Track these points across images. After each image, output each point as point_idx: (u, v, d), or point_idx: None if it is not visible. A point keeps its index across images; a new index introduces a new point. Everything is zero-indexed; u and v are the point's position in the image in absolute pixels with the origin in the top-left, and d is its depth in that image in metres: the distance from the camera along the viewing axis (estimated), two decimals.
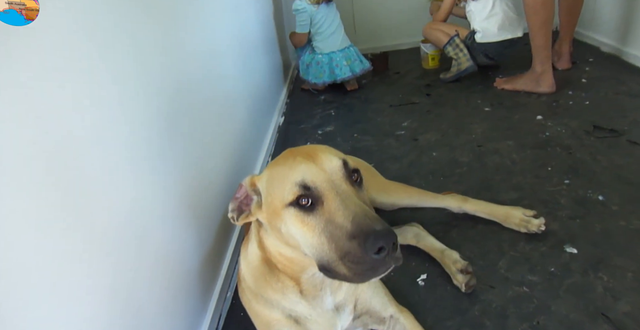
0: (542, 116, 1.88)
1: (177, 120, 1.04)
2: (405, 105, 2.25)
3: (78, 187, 0.65)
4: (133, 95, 0.84)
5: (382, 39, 3.22)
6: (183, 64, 1.13)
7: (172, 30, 1.09)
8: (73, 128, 0.66)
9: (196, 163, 1.14)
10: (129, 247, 0.78)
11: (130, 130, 0.82)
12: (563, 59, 2.33)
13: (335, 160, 0.72)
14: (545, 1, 1.98)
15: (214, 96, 1.37)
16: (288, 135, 2.12)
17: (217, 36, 1.49)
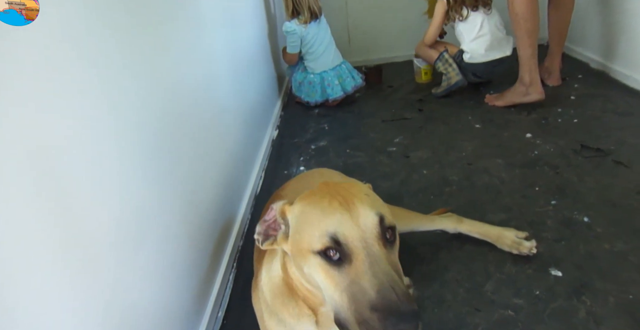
0: (531, 134, 1.92)
1: (169, 138, 1.06)
2: (398, 120, 2.28)
3: (67, 205, 0.67)
4: (124, 113, 0.86)
5: (377, 51, 3.26)
6: (175, 83, 1.15)
7: (165, 46, 1.11)
8: (62, 144, 0.68)
9: (189, 181, 1.16)
10: (121, 266, 0.80)
11: (120, 149, 0.84)
12: (553, 76, 2.37)
13: (372, 216, 0.68)
14: (532, 11, 2.04)
15: (208, 113, 1.39)
16: (282, 150, 2.15)
17: (211, 51, 1.50)
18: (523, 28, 2.06)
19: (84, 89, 0.74)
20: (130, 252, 0.83)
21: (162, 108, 1.04)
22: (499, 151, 1.83)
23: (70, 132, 0.69)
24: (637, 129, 1.83)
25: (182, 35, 1.24)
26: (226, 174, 1.51)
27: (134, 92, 0.90)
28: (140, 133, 0.91)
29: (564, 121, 1.99)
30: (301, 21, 2.42)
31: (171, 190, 1.04)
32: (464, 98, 2.41)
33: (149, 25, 1.02)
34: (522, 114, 2.13)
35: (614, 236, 1.28)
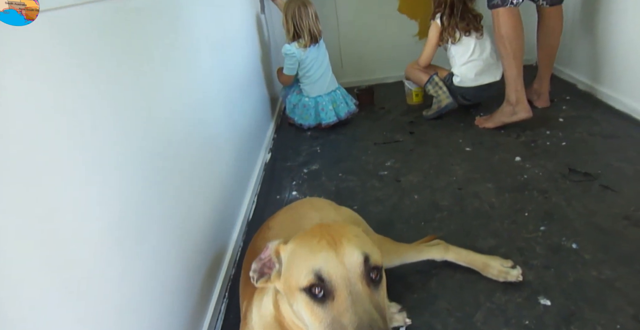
0: (520, 157, 1.94)
1: (160, 166, 1.07)
2: (389, 143, 2.31)
3: (56, 230, 0.68)
4: (113, 145, 0.88)
5: (369, 72, 3.30)
6: (166, 111, 1.16)
7: (155, 75, 1.12)
8: (54, 185, 0.69)
9: (180, 209, 1.17)
10: (109, 295, 0.80)
11: (112, 177, 0.85)
12: (542, 98, 2.41)
13: (357, 255, 0.71)
14: (517, 33, 2.10)
15: (200, 140, 1.40)
16: (274, 174, 2.16)
17: (203, 77, 1.52)
18: (509, 49, 2.11)
19: (71, 134, 0.75)
20: (118, 280, 0.83)
21: (152, 138, 1.05)
22: (489, 175, 1.85)
23: (54, 188, 0.70)
24: (622, 152, 1.87)
25: (173, 64, 1.25)
26: (218, 201, 1.52)
27: (122, 123, 0.92)
28: (130, 162, 0.93)
29: (552, 144, 2.02)
30: (301, 45, 2.45)
31: (161, 219, 1.05)
32: (454, 120, 2.44)
33: (140, 58, 1.04)
34: (512, 136, 2.16)
35: (602, 263, 1.30)
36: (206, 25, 1.63)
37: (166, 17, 1.24)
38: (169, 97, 1.19)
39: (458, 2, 2.33)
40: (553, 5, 2.24)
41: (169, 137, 1.15)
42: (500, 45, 2.15)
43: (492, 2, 2.13)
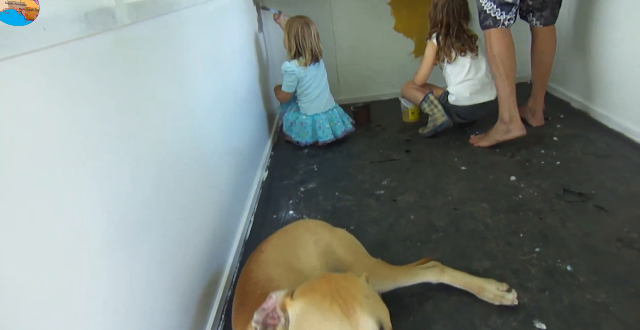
0: (515, 177, 1.96)
1: (158, 187, 1.08)
2: (386, 161, 2.32)
3: (54, 265, 0.69)
4: (109, 166, 0.89)
5: (365, 89, 3.33)
6: (163, 134, 1.17)
7: (151, 98, 1.13)
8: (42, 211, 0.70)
9: (176, 231, 1.17)
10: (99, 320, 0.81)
11: (107, 199, 0.86)
12: (536, 117, 2.44)
13: (372, 325, 0.71)
14: (509, 53, 2.14)
15: (196, 161, 1.41)
16: (271, 192, 2.17)
17: (199, 97, 1.53)
18: (501, 69, 2.15)
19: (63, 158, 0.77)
20: (111, 300, 0.84)
21: (149, 159, 1.06)
22: (484, 195, 1.86)
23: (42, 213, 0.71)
24: (615, 172, 1.89)
25: (168, 86, 1.27)
26: (215, 221, 1.53)
27: (118, 144, 0.93)
28: (127, 183, 0.94)
29: (546, 163, 2.04)
30: (301, 63, 2.48)
31: (157, 240, 1.05)
32: (450, 138, 2.46)
33: (139, 84, 1.06)
34: (507, 155, 2.18)
35: (597, 286, 1.31)
36: (204, 46, 1.65)
37: (165, 43, 1.26)
38: (167, 118, 1.21)
39: (454, 22, 2.37)
40: (546, 25, 2.28)
41: (166, 159, 1.16)
42: (493, 65, 2.19)
43: (485, 23, 2.18)
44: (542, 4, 2.22)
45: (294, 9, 2.93)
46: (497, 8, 2.12)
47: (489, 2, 2.13)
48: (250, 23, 2.61)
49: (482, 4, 2.16)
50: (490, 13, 2.14)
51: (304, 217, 1.90)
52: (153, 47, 1.17)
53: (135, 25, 1.04)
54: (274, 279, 1.12)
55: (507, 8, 2.11)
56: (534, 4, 2.23)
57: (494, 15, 2.13)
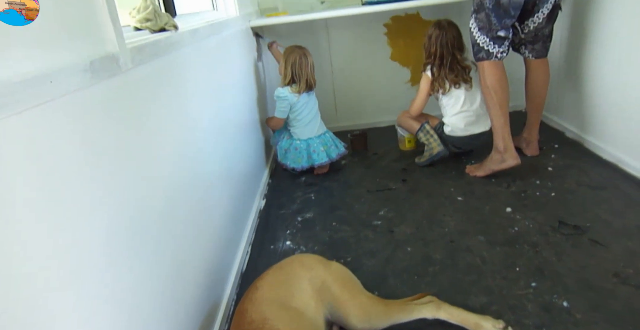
0: (511, 208, 1.98)
1: (155, 221, 1.09)
2: (383, 191, 2.34)
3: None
4: (107, 198, 0.90)
5: (362, 117, 3.37)
6: (163, 166, 1.18)
7: (152, 127, 1.15)
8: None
9: (173, 264, 1.18)
10: None
11: (104, 234, 0.87)
12: (531, 146, 2.47)
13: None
14: (502, 84, 2.19)
15: (194, 193, 1.41)
16: (268, 222, 2.18)
17: (197, 128, 1.54)
18: (495, 100, 2.19)
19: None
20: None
21: (148, 193, 1.07)
22: (480, 227, 1.87)
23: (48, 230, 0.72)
24: (610, 204, 1.91)
25: (169, 121, 1.28)
26: (212, 253, 1.53)
27: (118, 177, 0.94)
28: (125, 215, 0.95)
29: (542, 194, 2.06)
30: (294, 90, 2.52)
31: (153, 274, 1.06)
32: (446, 168, 2.48)
33: (139, 117, 1.08)
34: (502, 185, 2.20)
35: (593, 323, 1.31)
36: (204, 80, 1.68)
37: (166, 81, 1.29)
38: (167, 152, 1.22)
39: (447, 53, 2.42)
40: (538, 58, 2.34)
41: (165, 192, 1.18)
42: (487, 96, 2.23)
43: (478, 56, 2.23)
44: (534, 37, 2.27)
45: (294, 37, 3.00)
46: (490, 41, 2.17)
47: (482, 35, 2.18)
48: (249, 53, 2.66)
49: (476, 38, 2.21)
50: (483, 46, 2.19)
51: (301, 248, 1.91)
52: (155, 87, 1.20)
53: (138, 67, 1.07)
54: (268, 319, 1.12)
55: (499, 41, 2.16)
56: (526, 37, 2.29)
57: (487, 48, 2.18)
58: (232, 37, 2.23)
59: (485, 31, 2.16)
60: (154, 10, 1.28)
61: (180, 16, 1.73)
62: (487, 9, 2.11)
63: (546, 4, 2.14)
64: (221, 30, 1.95)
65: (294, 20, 2.69)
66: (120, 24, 0.98)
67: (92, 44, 0.89)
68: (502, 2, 2.07)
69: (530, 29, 2.24)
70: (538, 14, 2.19)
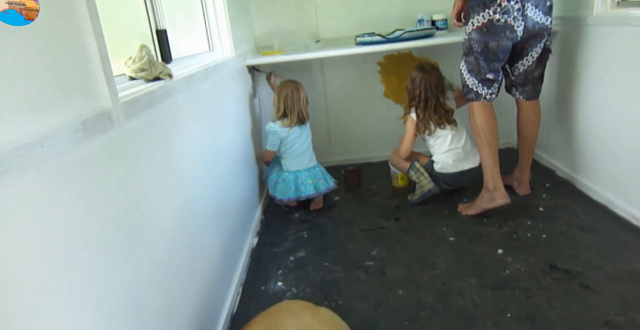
0: (502, 250, 1.98)
1: (148, 265, 1.08)
2: (375, 229, 2.34)
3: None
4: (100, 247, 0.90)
5: (356, 151, 3.39)
6: (156, 210, 1.19)
7: (143, 173, 1.16)
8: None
9: (163, 307, 1.17)
10: None
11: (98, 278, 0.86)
12: (523, 186, 2.49)
13: None
14: (490, 124, 2.23)
15: (184, 231, 1.41)
16: (260, 261, 2.17)
17: (190, 166, 1.55)
18: (484, 140, 2.23)
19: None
20: None
21: (138, 248, 1.07)
22: (472, 270, 1.87)
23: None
24: (601, 248, 1.91)
25: (162, 166, 1.29)
26: (203, 296, 1.52)
27: (110, 224, 0.94)
28: (118, 261, 0.94)
29: (533, 236, 2.07)
30: (285, 124, 2.56)
31: (142, 321, 1.05)
32: (438, 206, 2.49)
33: (128, 170, 1.09)
34: (494, 226, 2.21)
35: None
36: (198, 122, 1.69)
37: (158, 129, 1.31)
38: (158, 203, 1.23)
39: (431, 96, 2.47)
40: (529, 100, 2.38)
41: (156, 244, 1.18)
42: (476, 136, 2.27)
43: (467, 96, 2.28)
44: (524, 79, 2.33)
45: (290, 73, 3.05)
46: (479, 83, 2.22)
47: (472, 77, 2.23)
48: (244, 90, 2.70)
49: (466, 79, 2.26)
50: (472, 87, 2.24)
51: (292, 290, 1.89)
52: (146, 137, 1.21)
53: (130, 120, 1.09)
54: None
55: (488, 84, 2.22)
56: (516, 79, 2.34)
57: (476, 90, 2.23)
58: (228, 77, 2.27)
59: (475, 73, 2.22)
60: (149, 60, 1.31)
61: (176, 61, 1.77)
62: (476, 53, 2.17)
63: (535, 48, 2.21)
64: (216, 72, 1.99)
65: (289, 59, 2.74)
66: (114, 79, 1.01)
67: (85, 102, 0.91)
68: (490, 46, 2.13)
69: (520, 71, 2.30)
70: (527, 57, 2.25)
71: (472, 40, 2.16)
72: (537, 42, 2.18)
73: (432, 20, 2.98)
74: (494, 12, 2.06)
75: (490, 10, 2.06)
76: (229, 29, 2.36)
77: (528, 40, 2.16)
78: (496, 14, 2.06)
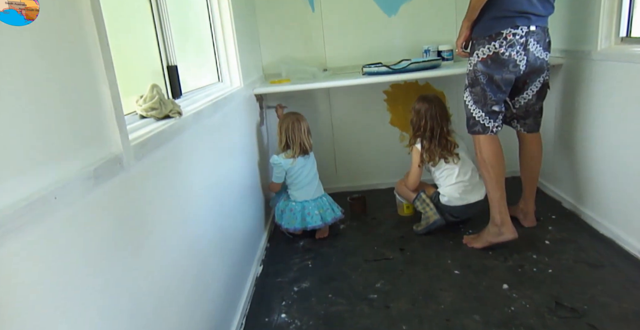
0: (507, 285, 1.97)
1: (152, 301, 1.09)
2: (380, 260, 2.34)
3: None
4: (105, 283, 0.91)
5: (362, 178, 3.41)
6: (156, 252, 1.20)
7: (143, 213, 1.17)
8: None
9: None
10: None
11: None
12: (528, 218, 2.48)
13: None
14: (498, 159, 2.24)
15: (189, 263, 1.42)
16: (264, 291, 2.16)
17: (197, 198, 1.57)
18: (491, 173, 2.24)
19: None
20: None
21: (144, 286, 1.09)
22: (476, 305, 1.86)
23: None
24: (608, 285, 1.89)
25: (169, 204, 1.32)
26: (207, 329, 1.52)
27: (117, 262, 0.96)
28: (122, 312, 0.96)
29: (539, 270, 2.06)
30: (288, 155, 2.59)
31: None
32: (444, 237, 2.49)
33: (131, 208, 1.11)
34: (499, 259, 2.20)
35: None
36: (206, 155, 1.72)
37: (166, 167, 1.33)
38: (165, 238, 1.24)
39: (437, 125, 2.49)
40: (530, 132, 2.40)
41: (161, 282, 1.19)
42: (483, 169, 2.27)
43: (473, 129, 2.29)
44: (525, 112, 2.35)
45: (297, 100, 3.11)
46: (486, 116, 2.24)
47: (478, 109, 2.25)
48: (252, 119, 2.74)
49: (471, 111, 2.28)
50: (479, 120, 2.26)
51: (296, 323, 1.89)
52: (155, 176, 1.24)
53: (139, 162, 1.11)
54: None
55: (494, 116, 2.24)
56: (517, 112, 2.37)
57: (482, 123, 2.25)
58: (236, 108, 2.31)
59: (481, 105, 2.23)
60: (160, 99, 1.34)
61: (185, 94, 1.81)
62: (482, 84, 2.19)
63: (535, 82, 2.25)
64: (225, 105, 2.02)
65: (296, 89, 2.79)
66: (125, 125, 1.04)
67: (97, 150, 0.94)
68: (495, 78, 2.16)
69: (521, 104, 2.33)
70: (527, 91, 2.28)
71: (477, 71, 2.19)
72: (537, 77, 2.22)
73: (438, 51, 3.02)
74: (500, 45, 2.09)
75: (496, 43, 2.10)
76: (238, 61, 2.41)
77: (529, 75, 2.19)
78: (502, 48, 2.09)
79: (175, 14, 1.82)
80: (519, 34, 2.06)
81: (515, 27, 2.06)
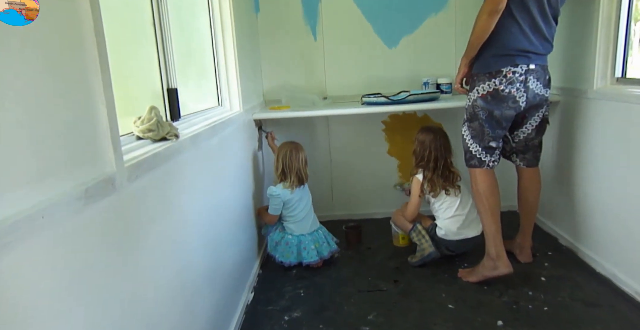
0: (502, 322, 1.92)
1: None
2: (374, 291, 2.29)
3: None
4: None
5: (358, 207, 3.39)
6: (145, 278, 1.17)
7: (133, 237, 1.15)
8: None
9: None
10: None
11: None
12: (524, 253, 2.46)
13: None
14: (492, 191, 2.23)
15: (176, 291, 1.38)
16: (255, 320, 2.11)
17: (189, 223, 1.54)
18: (486, 206, 2.22)
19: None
20: None
21: (132, 312, 1.05)
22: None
23: None
24: (604, 325, 1.86)
25: (162, 227, 1.29)
26: None
27: (109, 288, 0.93)
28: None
29: (534, 308, 2.02)
30: (286, 186, 2.57)
31: None
32: (438, 270, 2.45)
33: (122, 231, 1.09)
34: (495, 294, 2.16)
35: None
36: (202, 179, 1.71)
37: (160, 188, 1.32)
38: (155, 264, 1.22)
39: (441, 157, 2.50)
40: (529, 167, 2.40)
41: (151, 309, 1.15)
42: (478, 202, 2.26)
43: (470, 162, 2.29)
44: (525, 147, 2.36)
45: (296, 128, 3.13)
46: (483, 151, 2.24)
47: (475, 144, 2.26)
48: (249, 144, 2.74)
49: (469, 145, 2.29)
50: (475, 154, 2.26)
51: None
52: (147, 198, 1.22)
53: (133, 183, 1.10)
54: None
55: (491, 151, 2.24)
56: (517, 146, 2.37)
57: (479, 157, 2.25)
58: (234, 133, 2.31)
59: (478, 140, 2.24)
60: (157, 121, 1.34)
61: (184, 117, 1.81)
62: (481, 120, 2.20)
63: (534, 117, 2.26)
64: (223, 129, 2.02)
65: (296, 115, 2.80)
66: (120, 146, 1.03)
67: (90, 170, 0.93)
68: (495, 114, 2.17)
69: (521, 138, 2.34)
70: (527, 125, 2.30)
71: (476, 107, 2.21)
72: (536, 112, 2.24)
73: (437, 84, 3.06)
74: (500, 82, 2.11)
75: (496, 80, 2.12)
76: (238, 86, 2.43)
77: (529, 110, 2.22)
78: (501, 85, 2.11)
79: (179, 37, 1.84)
80: (519, 72, 2.09)
81: (514, 66, 2.08)
